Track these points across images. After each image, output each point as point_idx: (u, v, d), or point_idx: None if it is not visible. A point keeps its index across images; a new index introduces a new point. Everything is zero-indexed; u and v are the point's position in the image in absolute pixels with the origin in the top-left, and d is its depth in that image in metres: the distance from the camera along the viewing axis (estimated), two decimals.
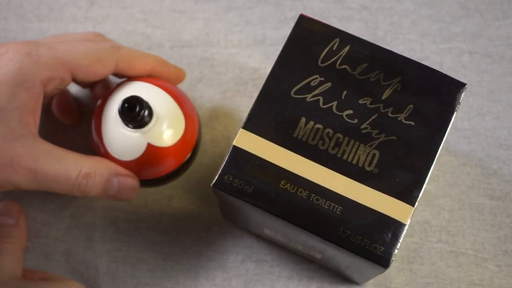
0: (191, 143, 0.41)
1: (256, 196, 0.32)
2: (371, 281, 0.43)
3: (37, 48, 0.38)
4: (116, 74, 0.41)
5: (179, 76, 0.44)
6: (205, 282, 0.43)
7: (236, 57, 0.48)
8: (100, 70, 0.39)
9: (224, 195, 0.33)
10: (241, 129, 0.33)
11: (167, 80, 0.42)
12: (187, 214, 0.45)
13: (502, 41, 0.48)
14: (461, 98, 0.34)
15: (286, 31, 0.48)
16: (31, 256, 0.44)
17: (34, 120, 0.37)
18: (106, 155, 0.39)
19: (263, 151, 0.33)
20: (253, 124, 0.34)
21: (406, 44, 0.48)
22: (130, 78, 0.41)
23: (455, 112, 0.34)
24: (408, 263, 0.43)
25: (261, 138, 0.33)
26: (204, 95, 0.47)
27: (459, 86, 0.34)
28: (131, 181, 0.39)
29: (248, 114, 0.34)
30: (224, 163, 0.33)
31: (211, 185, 0.33)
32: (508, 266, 0.43)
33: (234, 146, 0.33)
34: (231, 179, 0.33)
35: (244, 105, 0.47)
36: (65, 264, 0.44)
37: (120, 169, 0.39)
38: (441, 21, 0.48)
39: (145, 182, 0.41)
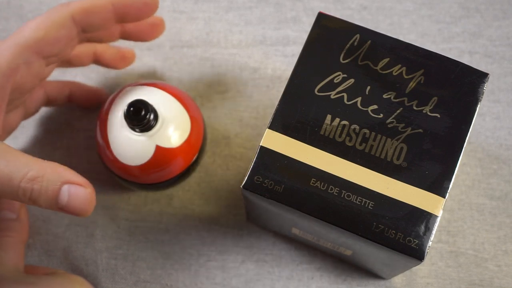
0: (198, 143, 0.41)
1: (287, 195, 0.32)
2: (371, 281, 0.43)
3: None
4: (86, 30, 0.39)
5: (149, 1, 0.39)
6: (205, 281, 0.43)
7: (236, 57, 0.48)
8: (60, 33, 0.37)
9: (254, 196, 0.33)
10: (267, 129, 0.33)
11: (139, 12, 0.39)
12: (187, 214, 0.45)
13: (502, 41, 0.48)
14: (485, 88, 0.34)
15: (286, 31, 0.48)
16: (32, 253, 0.44)
17: None
18: (113, 161, 0.39)
19: (290, 150, 0.33)
20: (278, 123, 0.33)
21: None
22: (134, 82, 0.41)
23: (479, 102, 0.34)
24: None
25: (288, 137, 0.33)
26: (204, 95, 0.47)
27: (482, 76, 0.34)
28: (84, 192, 0.34)
29: (274, 114, 0.34)
30: (252, 164, 0.33)
31: (241, 186, 0.33)
32: (508, 266, 0.43)
33: (261, 147, 0.33)
34: (261, 179, 0.33)
35: (244, 105, 0.47)
36: (65, 260, 0.44)
37: (73, 177, 0.34)
38: (441, 21, 0.48)
39: (154, 186, 0.41)
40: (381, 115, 0.34)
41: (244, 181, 0.33)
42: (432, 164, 0.33)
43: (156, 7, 0.40)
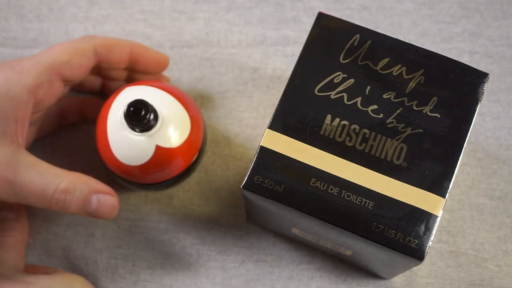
0: (198, 143, 0.41)
1: (287, 195, 0.32)
2: (371, 281, 0.43)
3: (20, 61, 0.38)
4: (101, 64, 0.42)
5: (161, 60, 0.44)
6: (205, 280, 0.43)
7: (236, 57, 0.48)
8: (82, 60, 0.40)
9: (254, 197, 0.33)
10: (267, 129, 0.33)
11: (149, 65, 0.43)
12: (187, 214, 0.45)
13: (502, 41, 0.48)
14: (485, 88, 0.34)
15: (286, 31, 0.48)
16: (33, 252, 0.44)
17: (21, 129, 0.37)
18: (113, 161, 0.39)
19: (290, 150, 0.33)
20: (279, 123, 0.33)
21: None
22: (133, 82, 0.41)
23: (479, 102, 0.34)
24: None
25: (288, 137, 0.33)
26: (204, 95, 0.47)
27: (482, 76, 0.34)
28: (111, 199, 0.38)
29: (274, 114, 0.34)
30: (252, 164, 0.33)
31: (241, 186, 0.33)
32: (508, 266, 0.43)
33: (261, 147, 0.33)
34: (261, 179, 0.33)
35: (244, 105, 0.47)
36: (65, 260, 0.44)
37: (100, 187, 0.38)
38: (441, 21, 0.48)
39: (154, 186, 0.41)
40: (381, 115, 0.34)
41: (244, 181, 0.33)
42: (432, 164, 0.33)
43: (165, 67, 0.44)
